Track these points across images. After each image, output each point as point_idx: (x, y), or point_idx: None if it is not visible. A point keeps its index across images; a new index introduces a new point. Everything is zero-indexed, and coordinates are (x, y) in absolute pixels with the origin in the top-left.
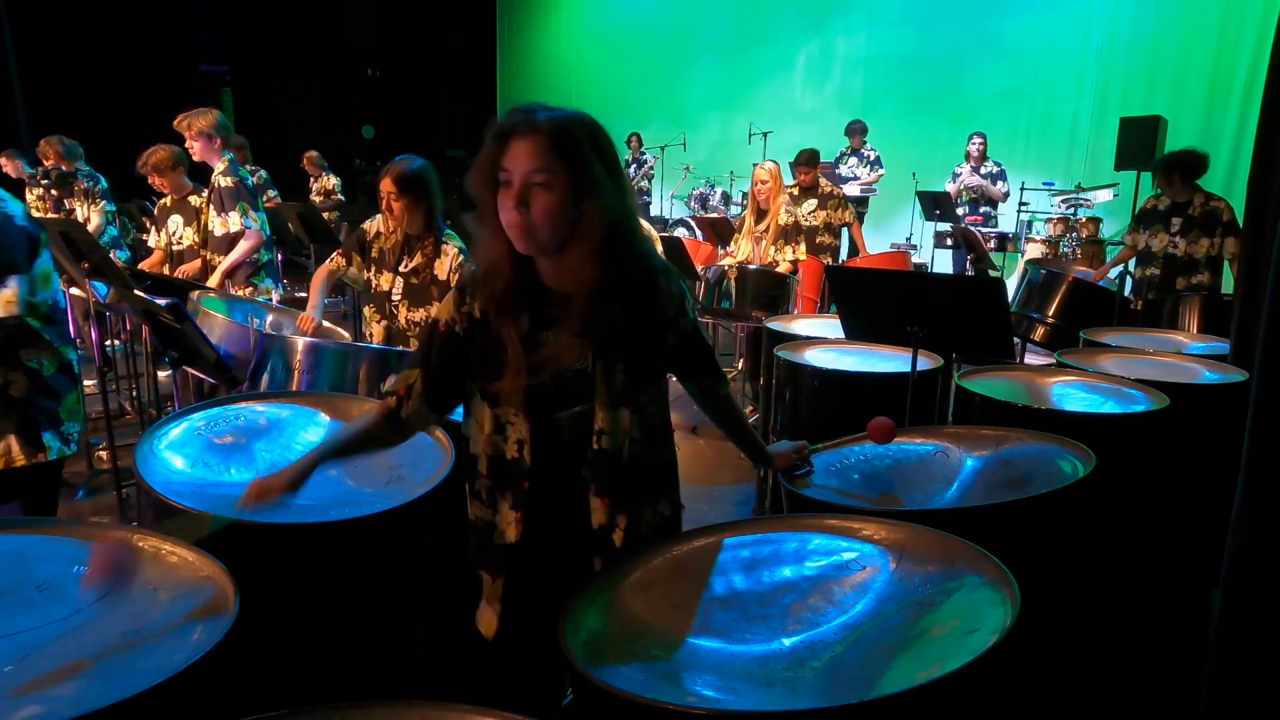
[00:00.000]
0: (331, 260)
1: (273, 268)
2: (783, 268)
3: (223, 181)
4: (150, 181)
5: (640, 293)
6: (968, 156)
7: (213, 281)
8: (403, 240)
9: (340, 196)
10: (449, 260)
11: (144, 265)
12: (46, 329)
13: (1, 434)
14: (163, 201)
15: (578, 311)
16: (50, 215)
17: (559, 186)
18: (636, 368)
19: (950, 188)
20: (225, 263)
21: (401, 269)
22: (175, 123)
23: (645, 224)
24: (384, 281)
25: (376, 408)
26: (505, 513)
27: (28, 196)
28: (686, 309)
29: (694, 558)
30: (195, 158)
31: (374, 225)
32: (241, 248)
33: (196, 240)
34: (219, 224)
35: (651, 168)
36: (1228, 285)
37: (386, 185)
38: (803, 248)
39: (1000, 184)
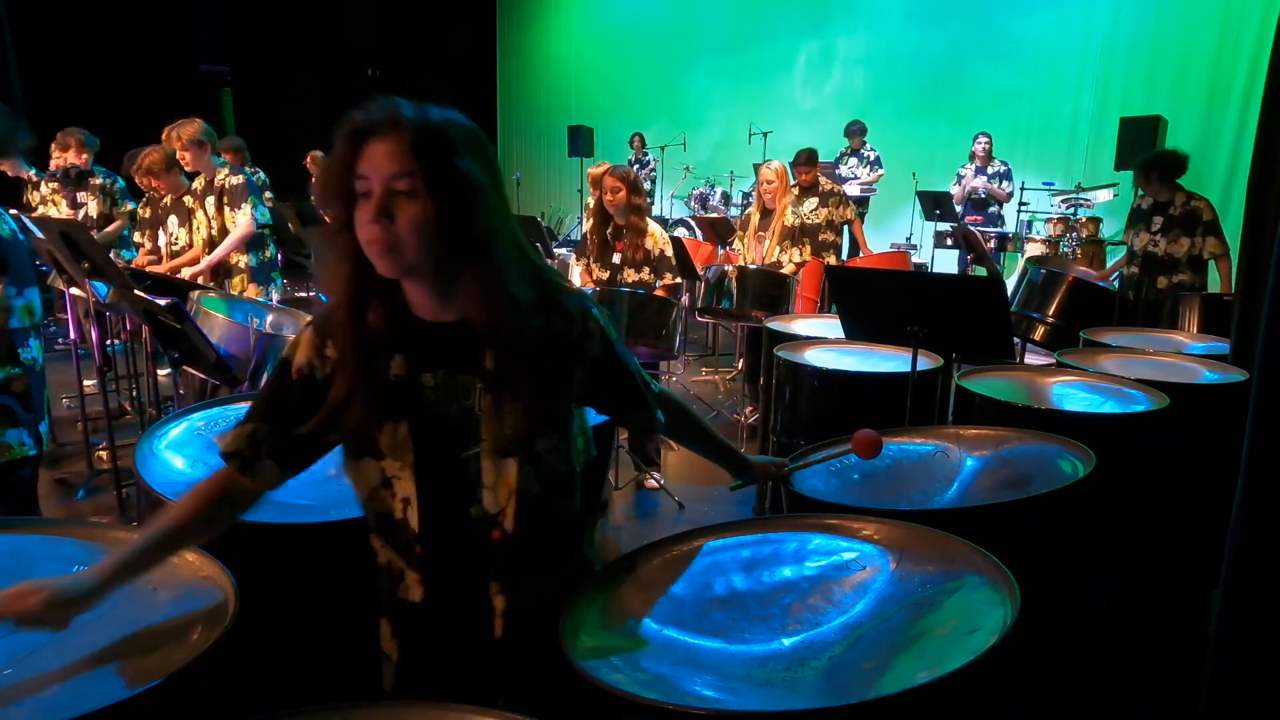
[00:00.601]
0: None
1: (274, 264)
2: (787, 269)
3: (230, 181)
4: (143, 184)
5: (534, 316)
6: (973, 156)
7: (202, 263)
8: None
9: None
10: None
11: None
12: (33, 330)
13: (3, 429)
14: (163, 203)
15: (468, 343)
16: (66, 212)
17: (428, 194)
18: (532, 408)
19: (955, 190)
20: (217, 251)
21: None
22: (164, 136)
23: (655, 225)
24: None
25: (212, 480)
26: (407, 573)
27: (40, 191)
28: (592, 330)
29: (694, 558)
30: (188, 168)
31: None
32: (233, 237)
33: (196, 240)
34: (230, 221)
35: (654, 169)
36: (1213, 285)
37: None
38: (808, 250)
39: (1005, 184)
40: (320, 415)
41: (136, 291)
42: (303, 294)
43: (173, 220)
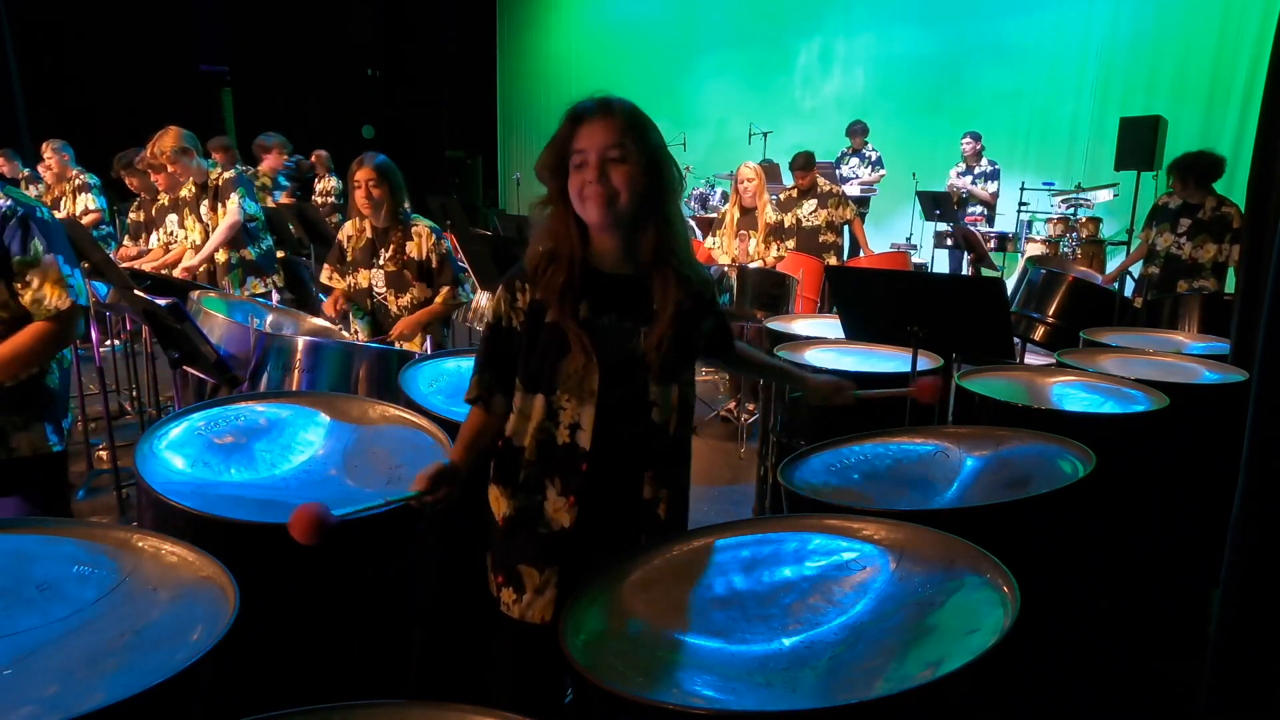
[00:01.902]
0: (337, 288)
1: (270, 256)
2: (771, 259)
3: (224, 177)
4: (136, 185)
5: (689, 276)
6: (962, 156)
7: (194, 259)
8: (373, 237)
9: (334, 200)
10: (423, 240)
11: (157, 264)
12: None
13: (35, 422)
14: (159, 202)
15: (637, 293)
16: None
17: (634, 161)
18: (683, 346)
19: (947, 187)
20: (208, 245)
21: (379, 262)
22: (148, 150)
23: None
24: (361, 279)
25: (470, 420)
26: (554, 499)
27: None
28: (716, 292)
29: (694, 558)
30: (180, 179)
31: (344, 232)
32: (222, 226)
33: (198, 240)
34: (228, 213)
35: None
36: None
37: (366, 174)
38: (789, 243)
39: (990, 184)
40: (516, 357)
41: (136, 291)
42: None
43: (171, 219)
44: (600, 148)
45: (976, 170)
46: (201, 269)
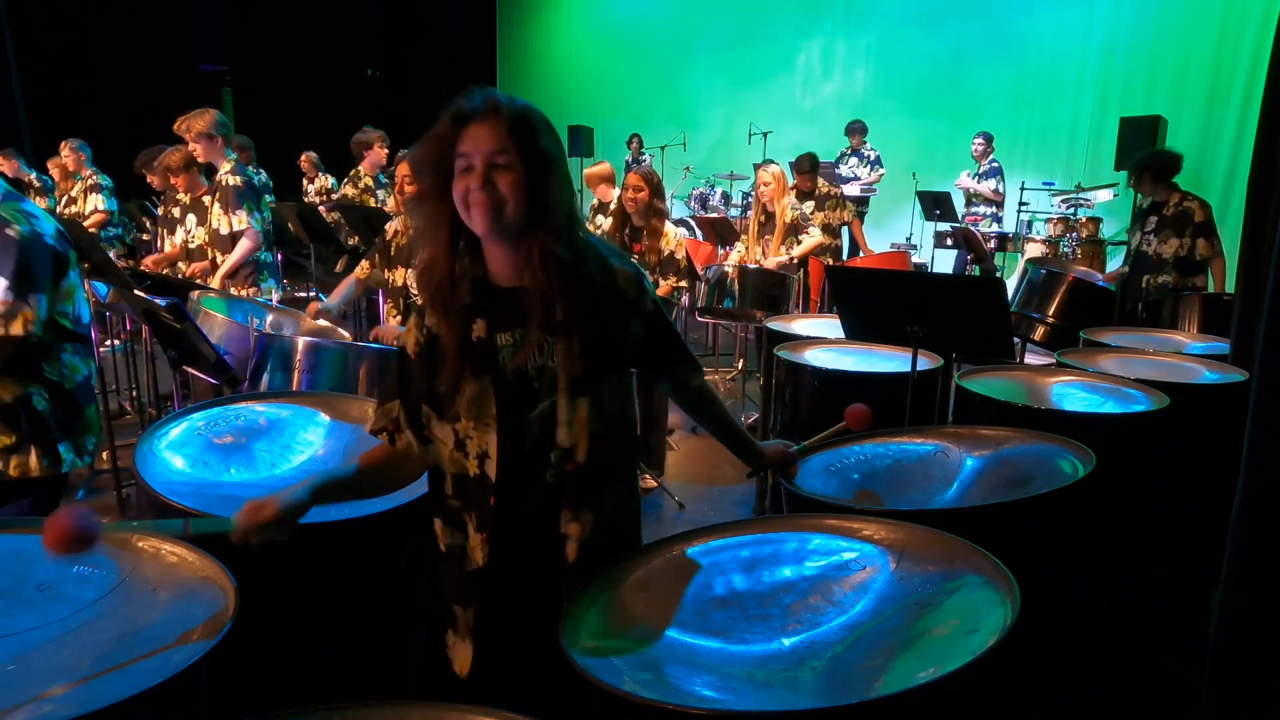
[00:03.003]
0: (361, 268)
1: (274, 268)
2: (807, 243)
3: (229, 180)
4: (158, 183)
5: (597, 276)
6: (972, 154)
7: (214, 282)
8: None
9: (333, 198)
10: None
11: (158, 258)
12: (68, 343)
13: (21, 446)
14: (180, 200)
15: (536, 303)
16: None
17: (522, 167)
18: (596, 355)
19: (958, 187)
20: (226, 264)
21: (415, 264)
22: (175, 126)
23: (671, 227)
24: (398, 277)
25: (373, 452)
26: (472, 535)
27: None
28: (646, 289)
29: (694, 558)
30: (200, 159)
31: (394, 225)
32: (242, 248)
33: (206, 239)
34: (224, 222)
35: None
36: (1210, 286)
37: (404, 169)
38: (815, 230)
39: (990, 181)
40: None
41: (136, 291)
42: (302, 294)
43: (191, 218)
44: (486, 153)
45: (981, 168)
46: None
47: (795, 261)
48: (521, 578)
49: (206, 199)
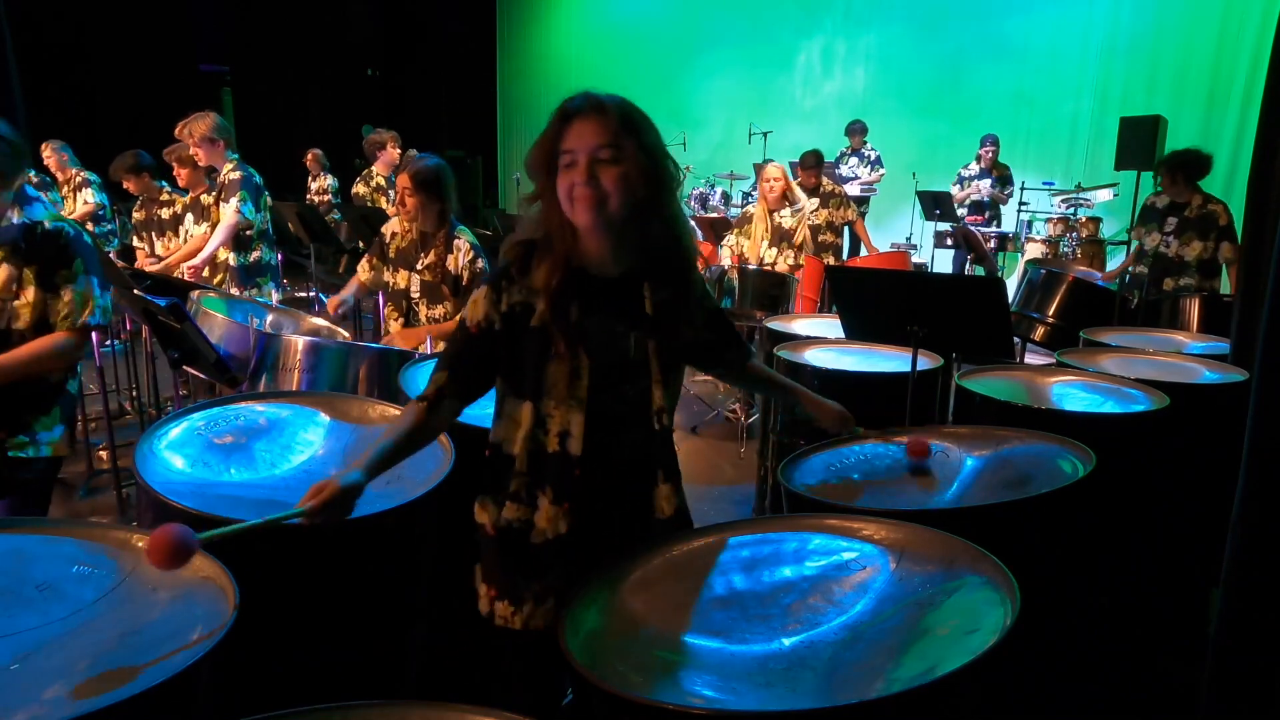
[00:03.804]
0: (361, 268)
1: (274, 270)
2: (783, 266)
3: (231, 176)
4: (134, 188)
5: (683, 272)
6: (979, 159)
7: (202, 256)
8: (418, 238)
9: (332, 198)
10: (460, 255)
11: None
12: None
13: (56, 424)
14: (181, 200)
15: (629, 294)
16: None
17: (626, 162)
18: (678, 347)
19: (955, 190)
20: (209, 244)
21: (418, 267)
22: (177, 130)
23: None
24: (400, 279)
25: (408, 412)
26: (546, 508)
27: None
28: (709, 290)
29: (694, 558)
30: (201, 163)
31: (390, 226)
32: (219, 230)
33: (204, 237)
34: (222, 214)
35: None
36: (1224, 289)
37: (403, 181)
38: (801, 255)
39: (1007, 188)
40: (490, 362)
41: (136, 291)
42: (302, 294)
43: (189, 219)
44: (590, 148)
45: (995, 174)
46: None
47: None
48: (603, 545)
49: (204, 198)
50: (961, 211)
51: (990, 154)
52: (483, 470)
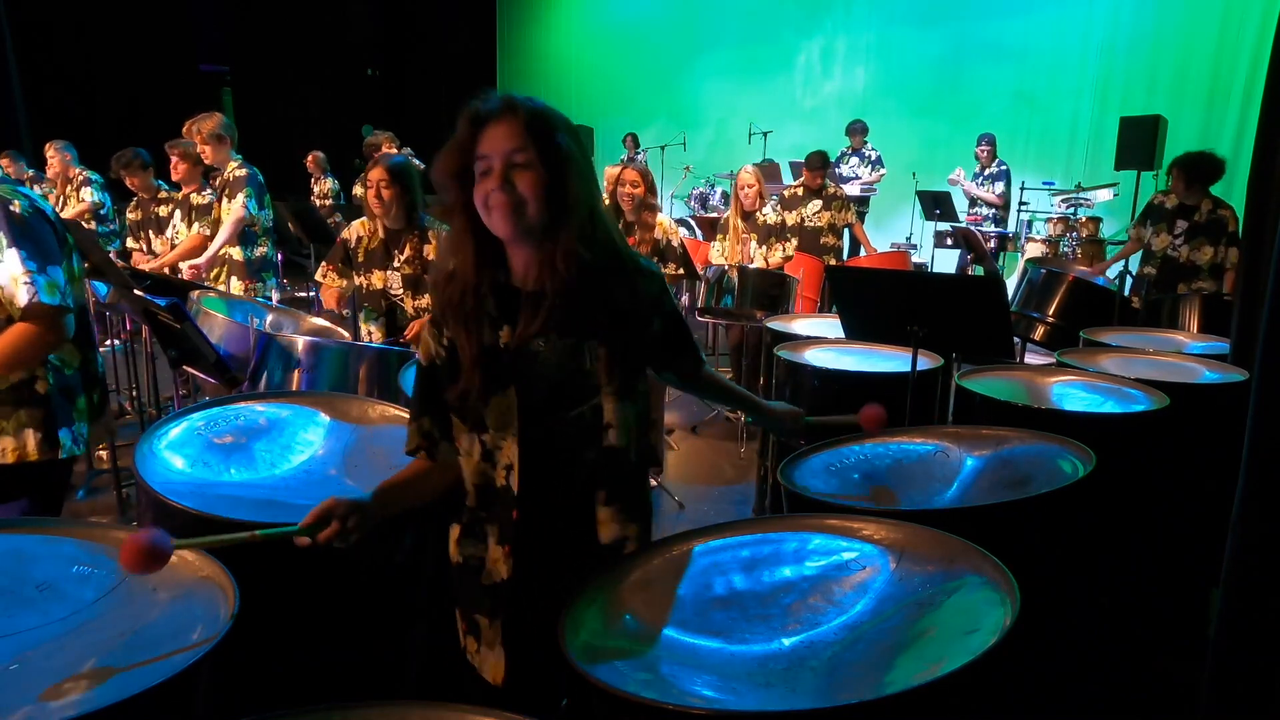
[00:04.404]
0: (325, 276)
1: (276, 266)
2: (774, 260)
3: (236, 173)
4: (135, 184)
5: (623, 276)
6: (976, 158)
7: (207, 255)
8: (385, 238)
9: (334, 202)
10: (439, 243)
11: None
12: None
13: (21, 428)
14: (154, 206)
15: (563, 306)
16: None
17: (541, 165)
18: (631, 356)
19: (969, 187)
20: (217, 239)
21: (394, 264)
22: (185, 129)
23: (664, 216)
24: (376, 280)
25: (411, 469)
26: (493, 548)
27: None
28: (667, 287)
29: (693, 557)
30: (207, 160)
31: (352, 232)
32: (225, 225)
33: (206, 233)
34: (225, 211)
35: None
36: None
37: (378, 174)
38: (792, 244)
39: (998, 185)
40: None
41: (136, 291)
42: (302, 294)
43: (177, 215)
44: (504, 152)
45: (988, 172)
46: (203, 265)
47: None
48: (549, 586)
49: (195, 198)
50: (962, 212)
51: (986, 153)
52: (453, 500)
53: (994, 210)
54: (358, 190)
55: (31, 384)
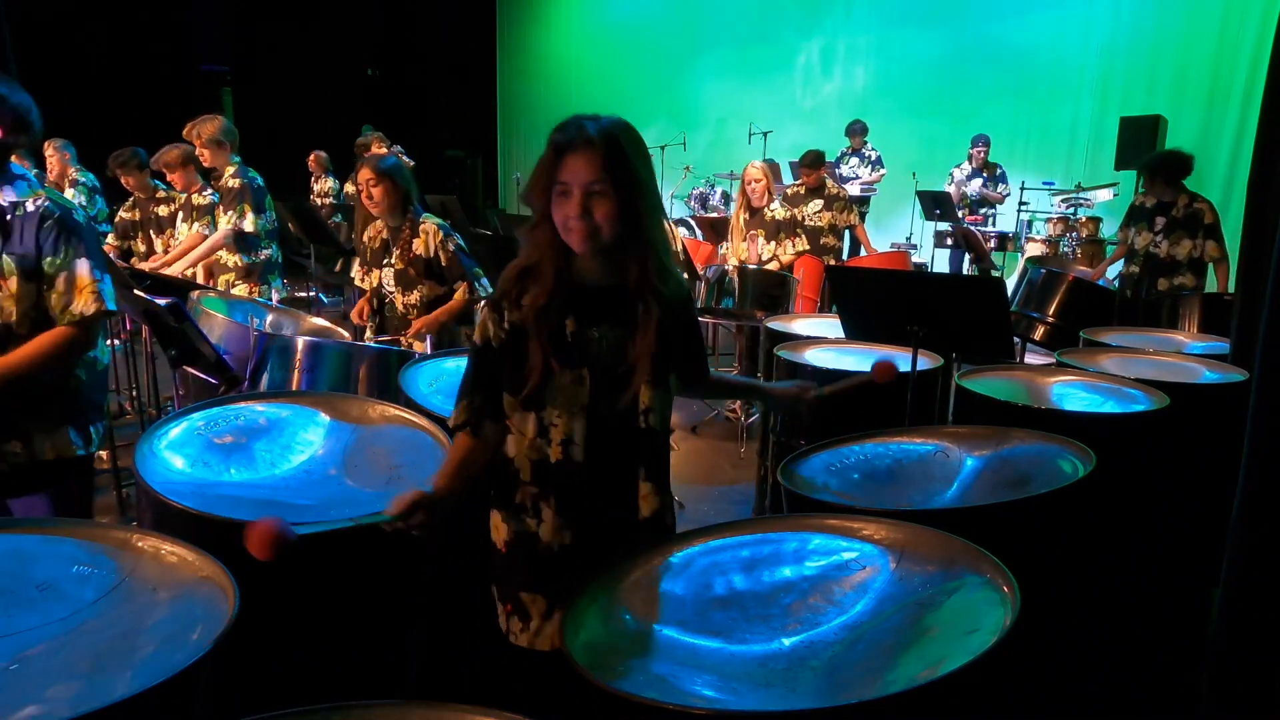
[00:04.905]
0: (357, 276)
1: (279, 267)
2: (787, 257)
3: (231, 183)
4: (132, 184)
5: (671, 281)
6: (970, 159)
7: (182, 264)
8: (386, 237)
9: (334, 200)
10: (429, 237)
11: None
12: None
13: (58, 426)
14: (169, 196)
15: (624, 302)
16: None
17: (617, 193)
18: (667, 350)
19: (950, 189)
20: (195, 252)
21: (389, 261)
22: (185, 131)
23: (666, 223)
24: (373, 278)
25: (456, 447)
26: (550, 519)
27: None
28: (692, 297)
29: (694, 558)
30: (206, 164)
31: (368, 231)
32: (207, 243)
33: (197, 234)
34: (224, 221)
35: None
36: (1210, 287)
37: (365, 174)
38: (802, 240)
39: (1001, 186)
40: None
41: (136, 291)
42: (302, 294)
43: (179, 218)
44: (584, 182)
45: (986, 174)
46: (189, 272)
47: (784, 267)
48: (602, 555)
49: (197, 199)
50: (961, 212)
51: (981, 154)
52: (494, 483)
53: (993, 209)
54: (349, 189)
55: (66, 381)
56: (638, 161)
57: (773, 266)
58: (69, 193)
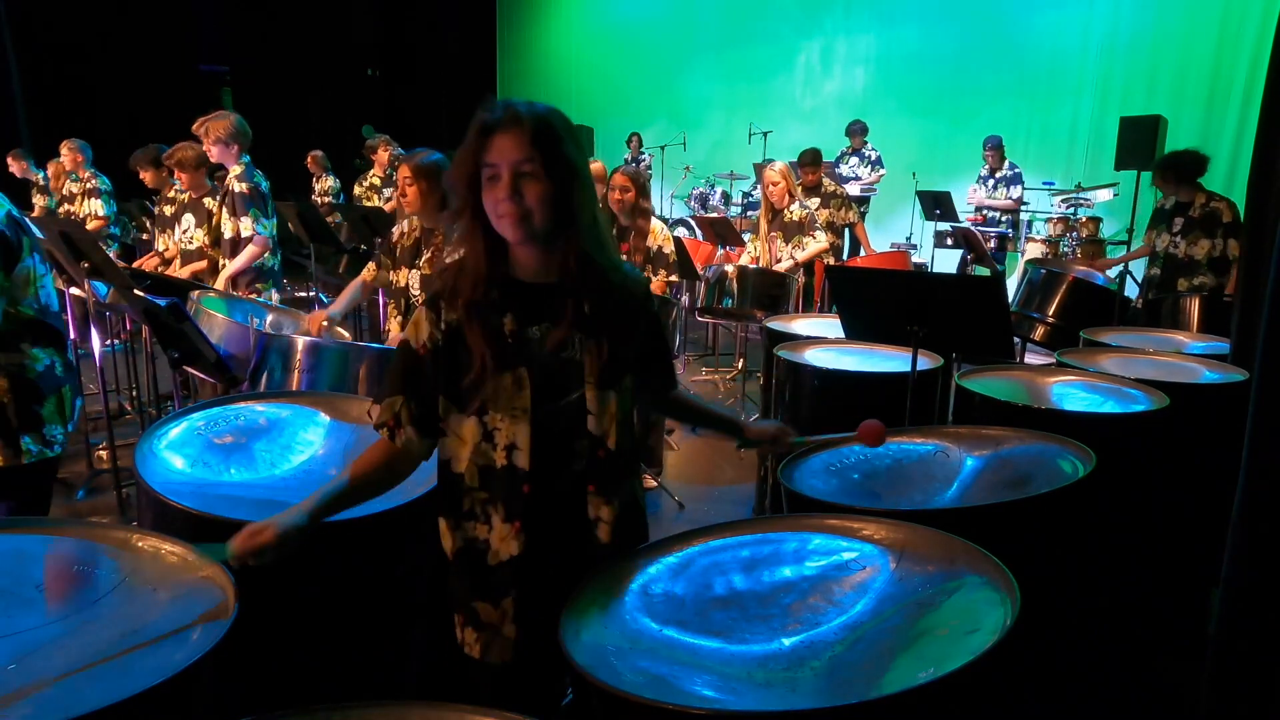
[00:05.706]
0: (368, 270)
1: (277, 275)
2: (812, 248)
3: (237, 186)
4: (151, 180)
5: (616, 275)
6: (984, 160)
7: (218, 285)
8: (419, 236)
9: (333, 200)
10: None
11: (154, 260)
12: (31, 332)
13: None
14: (181, 197)
15: (564, 300)
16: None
17: (548, 175)
18: (619, 350)
19: (970, 203)
20: (230, 268)
21: (418, 264)
22: (194, 127)
23: (657, 222)
24: (401, 278)
25: (372, 449)
26: (499, 527)
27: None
28: (652, 296)
29: (694, 558)
30: (213, 160)
31: (399, 228)
32: (247, 253)
33: (206, 241)
34: (229, 227)
35: (648, 166)
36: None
37: (404, 171)
38: (820, 235)
39: (1014, 188)
40: (437, 383)
41: (136, 291)
42: (302, 294)
43: (189, 218)
44: (512, 161)
45: (998, 175)
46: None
47: (799, 266)
48: (554, 564)
49: (208, 201)
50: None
51: (994, 157)
52: (440, 490)
53: (1007, 215)
54: (357, 190)
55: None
56: (570, 144)
57: (785, 266)
58: (94, 203)
